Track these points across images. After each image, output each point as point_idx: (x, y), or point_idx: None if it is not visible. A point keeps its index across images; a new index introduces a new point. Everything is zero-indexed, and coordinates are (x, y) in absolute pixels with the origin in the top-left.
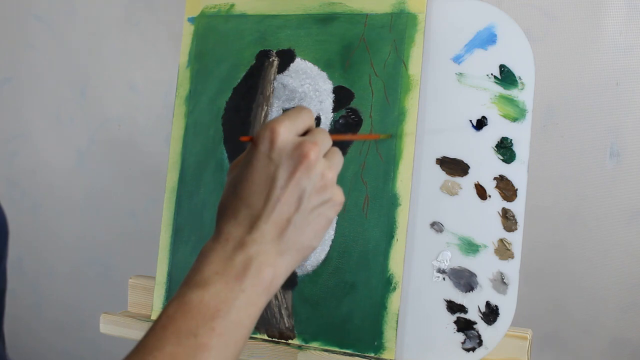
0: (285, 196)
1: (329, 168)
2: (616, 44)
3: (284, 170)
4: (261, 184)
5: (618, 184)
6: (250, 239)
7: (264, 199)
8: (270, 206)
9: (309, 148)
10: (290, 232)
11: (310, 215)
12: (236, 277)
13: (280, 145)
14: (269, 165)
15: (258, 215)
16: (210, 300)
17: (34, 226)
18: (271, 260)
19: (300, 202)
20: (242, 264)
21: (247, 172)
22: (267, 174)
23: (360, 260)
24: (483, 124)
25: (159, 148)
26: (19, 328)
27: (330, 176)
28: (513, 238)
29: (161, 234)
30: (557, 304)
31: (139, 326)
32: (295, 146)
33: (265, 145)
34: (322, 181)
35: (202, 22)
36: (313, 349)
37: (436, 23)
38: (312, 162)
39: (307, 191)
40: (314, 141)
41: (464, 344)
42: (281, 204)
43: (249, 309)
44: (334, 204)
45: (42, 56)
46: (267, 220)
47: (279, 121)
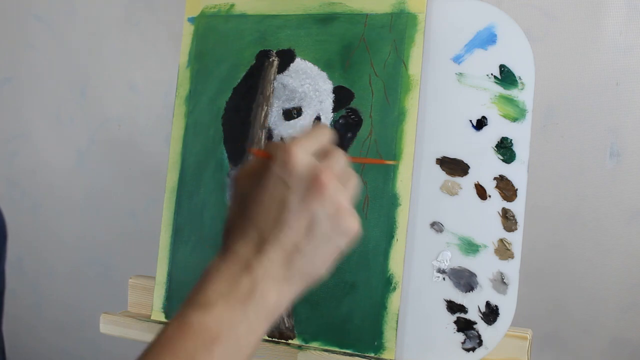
0: (294, 221)
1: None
2: (616, 44)
3: (296, 195)
4: (272, 206)
5: (618, 184)
6: (257, 262)
7: (273, 223)
8: (278, 230)
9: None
10: (297, 259)
11: (320, 243)
12: (240, 301)
13: (294, 168)
14: (282, 188)
15: (266, 238)
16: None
17: (34, 226)
18: (277, 285)
19: (311, 229)
20: (248, 287)
21: (258, 192)
22: (279, 197)
23: (360, 260)
24: (483, 124)
25: (159, 148)
26: (19, 328)
27: (344, 202)
28: (513, 238)
29: (161, 234)
30: (557, 304)
31: (139, 326)
32: (309, 171)
33: (281, 168)
34: (334, 207)
35: (202, 22)
36: (313, 349)
37: (436, 23)
38: (324, 188)
39: (318, 218)
40: (329, 166)
41: (464, 344)
42: (290, 229)
43: (250, 336)
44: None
45: (42, 56)
46: (275, 244)
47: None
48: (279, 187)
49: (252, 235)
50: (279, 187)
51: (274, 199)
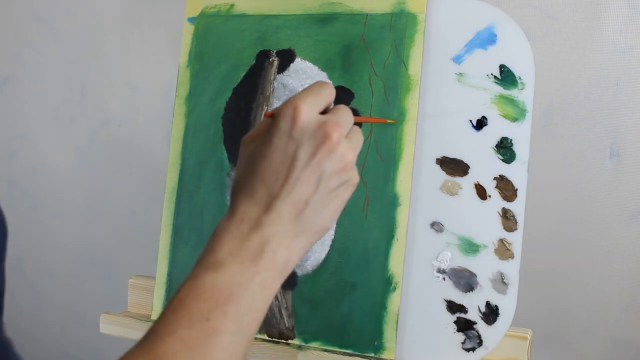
0: (305, 176)
1: (350, 149)
2: (616, 44)
3: (305, 150)
4: (281, 162)
5: (618, 184)
6: (267, 219)
7: (283, 179)
8: (289, 186)
9: (332, 129)
10: (307, 214)
11: (328, 196)
12: (251, 259)
13: (302, 123)
14: (290, 144)
15: (276, 194)
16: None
17: (34, 226)
18: (287, 242)
19: (320, 183)
20: (258, 245)
21: (266, 150)
22: (288, 153)
23: (360, 260)
24: (483, 124)
25: (159, 148)
26: (19, 328)
27: (351, 157)
28: (513, 238)
29: (161, 234)
30: (557, 304)
31: (139, 326)
32: (317, 125)
33: (287, 123)
34: (342, 163)
35: (202, 22)
36: (313, 349)
37: (436, 23)
38: (334, 143)
39: (327, 172)
40: (336, 121)
41: (464, 344)
42: (300, 184)
43: (263, 293)
44: (350, 184)
45: (42, 56)
46: (285, 201)
47: (301, 98)
48: (287, 143)
49: (261, 193)
50: (288, 143)
51: (283, 155)
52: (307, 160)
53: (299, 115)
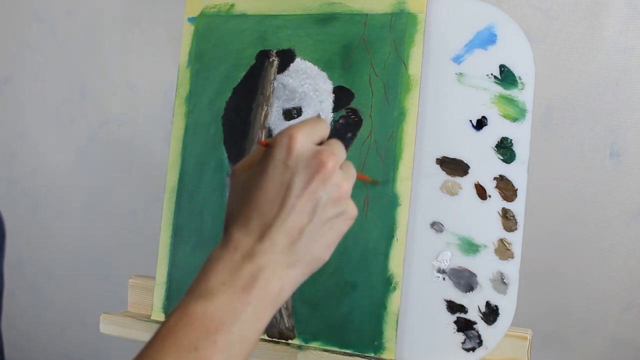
0: (299, 205)
1: (345, 180)
2: (616, 44)
3: (300, 178)
4: (275, 191)
5: (618, 184)
6: (261, 249)
7: (277, 207)
8: (283, 215)
9: (327, 157)
10: (302, 243)
11: (324, 227)
12: (243, 289)
13: (297, 152)
14: (285, 172)
15: (270, 223)
16: (214, 312)
17: (33, 226)
18: (280, 271)
19: (315, 213)
20: (250, 274)
21: (260, 179)
22: (282, 182)
23: (360, 260)
24: (483, 124)
25: (159, 148)
26: (18, 328)
27: (346, 187)
28: (513, 238)
29: (161, 234)
30: (557, 304)
31: (139, 326)
32: (312, 154)
33: (282, 152)
34: (337, 192)
35: (202, 22)
36: (313, 349)
37: (436, 23)
38: (329, 172)
39: (322, 201)
40: (331, 151)
41: (464, 344)
42: (295, 212)
43: (254, 323)
44: (348, 217)
45: (42, 56)
46: (280, 230)
47: (296, 128)
48: (282, 172)
49: (255, 222)
50: (283, 172)
51: (277, 183)
52: (302, 189)
53: (294, 144)
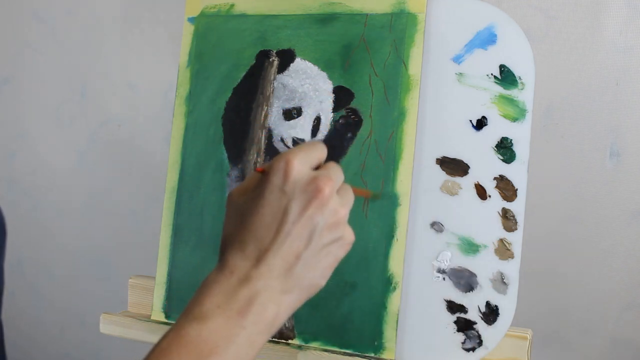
0: (296, 230)
1: (342, 205)
2: (616, 44)
3: (296, 203)
4: (272, 216)
5: (618, 184)
6: (257, 273)
7: (274, 232)
8: (280, 240)
9: (323, 183)
10: (298, 269)
11: (320, 252)
12: (238, 313)
13: (294, 178)
14: (282, 198)
15: (267, 248)
16: (208, 336)
17: (34, 226)
18: (276, 297)
19: (311, 238)
20: (246, 299)
21: (257, 204)
22: (279, 207)
23: (360, 260)
24: (483, 124)
25: (159, 148)
26: (18, 328)
27: (343, 213)
28: (513, 238)
29: (161, 234)
30: (557, 304)
31: (139, 326)
32: (309, 180)
33: (279, 178)
34: (334, 218)
35: (202, 22)
36: (313, 349)
37: (436, 23)
38: (326, 198)
39: (319, 227)
40: (328, 176)
41: (464, 344)
42: (292, 238)
43: (248, 348)
44: (344, 242)
45: (42, 56)
46: (276, 255)
47: (293, 153)
48: (278, 198)
49: (252, 247)
50: (279, 197)
51: (274, 208)
52: (299, 214)
53: (291, 170)
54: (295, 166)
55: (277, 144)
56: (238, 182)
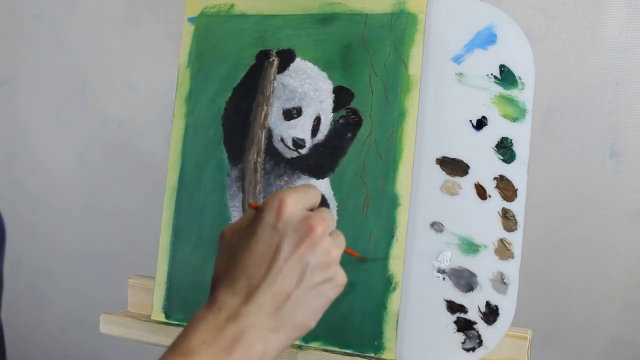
0: (287, 269)
1: (335, 246)
2: (616, 44)
3: (289, 242)
4: (264, 254)
5: (618, 184)
6: (246, 311)
7: (265, 270)
8: (271, 277)
9: (316, 222)
10: (287, 308)
11: (311, 292)
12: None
13: (287, 216)
14: (274, 235)
15: (257, 285)
16: None
17: (33, 226)
18: (264, 335)
19: (303, 277)
20: (233, 336)
21: (249, 241)
22: (271, 245)
23: (360, 260)
24: (483, 124)
25: (159, 148)
26: (19, 328)
27: (335, 254)
28: (513, 238)
29: (161, 234)
30: (557, 304)
31: (139, 326)
32: (302, 219)
33: (272, 215)
34: (326, 258)
35: (202, 22)
36: (313, 349)
37: (436, 23)
38: (318, 237)
39: (310, 266)
40: (321, 216)
41: (464, 344)
42: (283, 276)
43: None
44: (336, 284)
45: (42, 56)
46: (266, 293)
47: (287, 192)
48: (271, 235)
49: (242, 284)
50: (271, 235)
51: (266, 246)
52: (291, 253)
53: (284, 208)
54: (289, 205)
55: (277, 144)
56: (238, 182)
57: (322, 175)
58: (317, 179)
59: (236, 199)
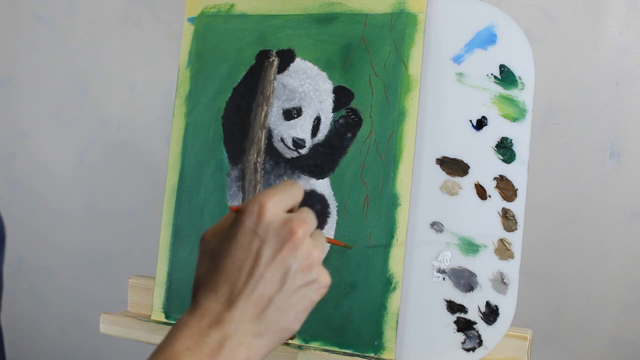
0: (268, 273)
1: (316, 247)
2: (616, 44)
3: (269, 246)
4: (245, 259)
5: (618, 184)
6: (228, 316)
7: (246, 275)
8: (252, 283)
9: (297, 225)
10: (270, 312)
11: (294, 295)
12: (209, 355)
13: (267, 220)
14: (255, 240)
15: (239, 291)
16: None
17: (33, 226)
18: (247, 340)
19: (284, 281)
20: (217, 341)
21: (230, 246)
22: (252, 250)
23: (360, 260)
24: (483, 124)
25: (159, 148)
26: (18, 328)
27: (317, 255)
28: (513, 238)
29: (161, 234)
30: (557, 304)
31: (139, 326)
32: (283, 222)
33: (252, 220)
34: (308, 260)
35: (202, 22)
36: (313, 349)
37: (436, 23)
38: (299, 240)
39: (292, 270)
40: (302, 219)
41: (464, 344)
42: (264, 281)
43: None
44: (319, 285)
45: (42, 56)
46: (248, 298)
47: (268, 195)
48: (251, 240)
49: (224, 289)
50: (252, 240)
51: (247, 251)
52: (272, 257)
53: (264, 212)
54: (269, 209)
55: (277, 144)
56: (238, 182)
57: (322, 175)
58: (317, 179)
59: (236, 199)
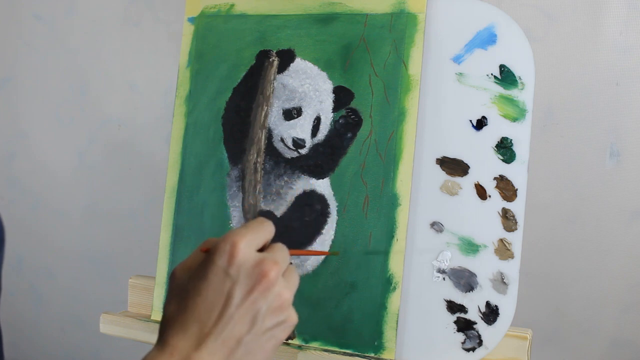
0: (238, 315)
1: (287, 288)
2: (616, 44)
3: (241, 287)
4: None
5: (618, 184)
6: (197, 356)
7: (216, 316)
8: (222, 324)
9: (269, 267)
10: (239, 353)
11: (263, 337)
12: None
13: (239, 261)
14: (226, 280)
15: (208, 332)
16: None
17: (33, 226)
18: None
19: (254, 323)
20: None
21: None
22: (223, 290)
23: (360, 260)
24: (483, 124)
25: (159, 148)
26: (18, 328)
27: (287, 296)
28: (513, 238)
29: (161, 234)
30: (557, 304)
31: (139, 326)
32: (255, 263)
33: (224, 259)
34: (278, 301)
35: (202, 22)
36: (313, 349)
37: (436, 23)
38: (271, 282)
39: (262, 311)
40: (274, 259)
41: (464, 344)
42: (234, 322)
43: None
44: (287, 325)
45: (42, 56)
46: (217, 339)
47: (240, 234)
48: (223, 280)
49: (193, 329)
50: (224, 280)
51: (218, 291)
52: (242, 299)
53: (236, 253)
54: (241, 249)
55: (277, 144)
56: (238, 182)
57: (322, 175)
58: (317, 179)
59: (236, 199)
